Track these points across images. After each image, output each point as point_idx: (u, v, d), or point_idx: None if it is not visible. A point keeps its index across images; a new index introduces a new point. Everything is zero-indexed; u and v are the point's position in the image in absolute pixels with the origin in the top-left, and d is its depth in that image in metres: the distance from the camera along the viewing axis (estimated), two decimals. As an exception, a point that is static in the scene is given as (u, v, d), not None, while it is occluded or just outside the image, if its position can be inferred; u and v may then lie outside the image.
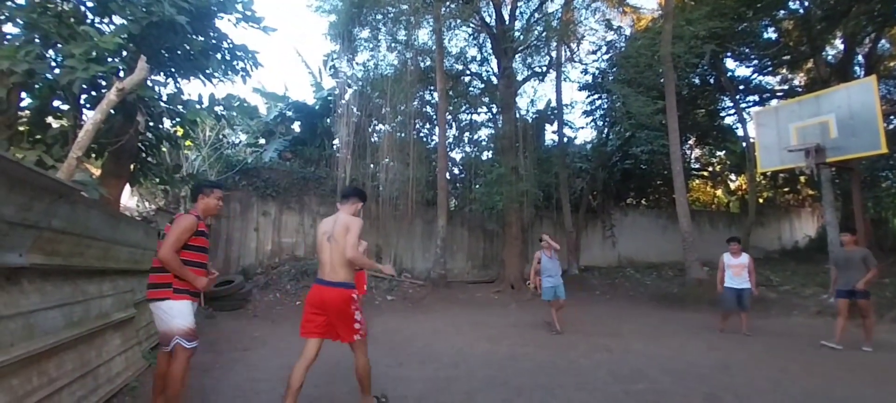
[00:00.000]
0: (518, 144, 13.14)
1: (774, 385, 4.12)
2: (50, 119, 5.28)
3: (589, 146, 17.98)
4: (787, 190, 21.52)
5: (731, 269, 6.86)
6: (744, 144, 16.27)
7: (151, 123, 5.84)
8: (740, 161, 18.35)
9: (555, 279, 6.91)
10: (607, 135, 17.07)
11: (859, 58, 14.39)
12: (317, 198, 11.99)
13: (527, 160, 13.38)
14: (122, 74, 4.69)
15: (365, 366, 3.18)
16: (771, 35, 15.06)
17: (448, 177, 13.32)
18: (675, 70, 11.50)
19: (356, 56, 13.92)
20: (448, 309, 8.99)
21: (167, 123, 6.32)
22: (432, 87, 14.14)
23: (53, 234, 2.73)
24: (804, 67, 16.31)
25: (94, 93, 5.20)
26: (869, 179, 14.12)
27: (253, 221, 11.08)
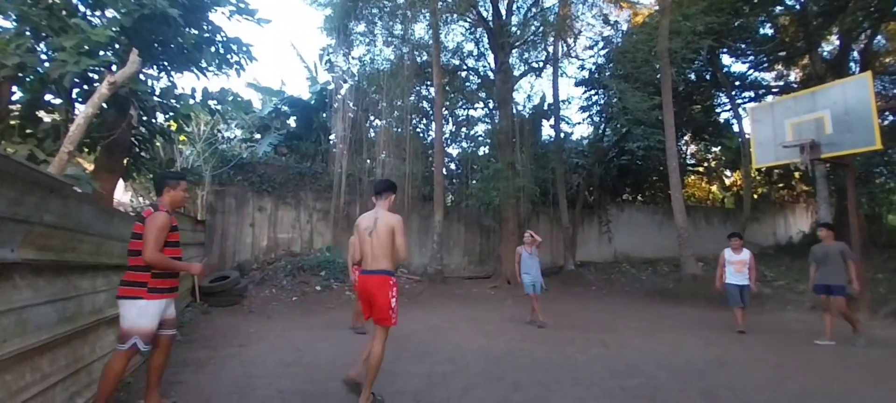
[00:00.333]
0: (515, 140, 13.13)
1: (771, 382, 4.15)
2: (41, 113, 5.21)
3: (585, 142, 18.01)
4: (781, 186, 21.63)
5: (733, 265, 6.69)
6: (739, 140, 16.33)
7: (144, 117, 5.77)
8: (736, 157, 18.42)
9: (532, 274, 7.17)
10: (604, 130, 17.09)
11: (855, 54, 14.45)
12: (313, 193, 11.93)
13: (523, 156, 13.38)
14: (114, 68, 4.62)
15: (379, 356, 3.34)
16: (767, 31, 15.09)
17: (445, 172, 13.29)
18: (671, 66, 11.51)
19: (352, 50, 13.84)
20: (444, 305, 9.00)
21: (161, 118, 6.25)
22: (429, 82, 14.09)
23: (45, 229, 2.70)
24: (800, 63, 16.37)
25: (86, 86, 5.13)
26: (863, 175, 14.19)
27: (248, 216, 11.02)
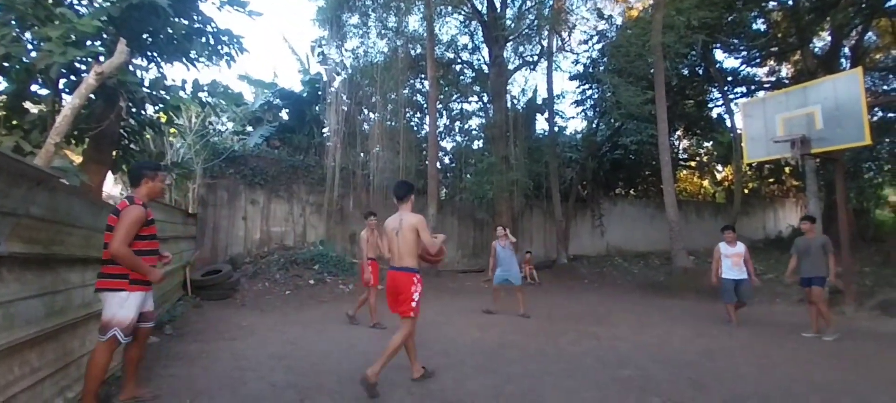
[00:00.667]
0: (509, 134, 13.12)
1: (758, 372, 4.21)
2: (28, 104, 5.11)
3: (579, 136, 18.07)
4: (772, 180, 21.87)
5: (730, 259, 6.62)
6: (731, 135, 16.46)
7: (133, 109, 5.68)
8: (727, 151, 18.58)
9: (505, 269, 7.53)
10: (597, 125, 17.15)
11: (845, 50, 14.58)
12: (306, 186, 11.86)
13: (517, 149, 13.39)
14: (101, 58, 4.54)
15: (398, 344, 3.65)
16: (760, 26, 15.19)
17: (438, 166, 13.29)
18: (664, 60, 11.53)
19: (345, 43, 13.73)
20: (438, 298, 9.01)
21: (150, 109, 6.16)
22: (423, 75, 14.04)
23: (33, 222, 2.66)
24: (792, 59, 16.51)
25: (73, 77, 5.03)
26: (852, 170, 14.38)
27: (241, 210, 10.95)
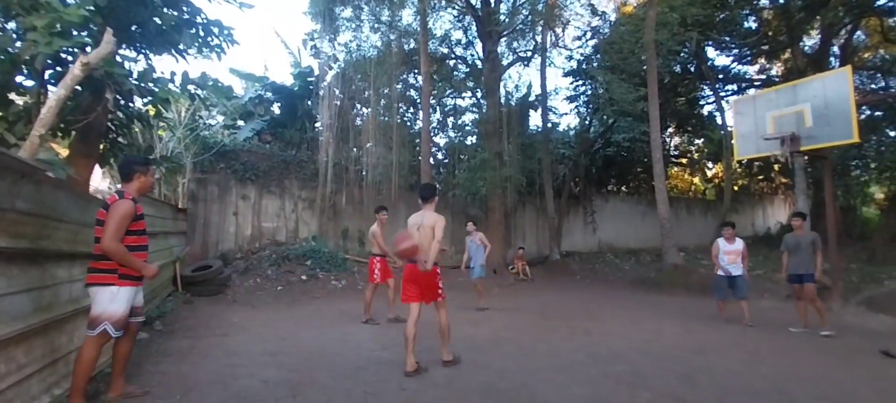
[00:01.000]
0: (502, 130, 13.11)
1: (747, 367, 4.27)
2: (12, 95, 5.00)
3: (572, 132, 18.12)
4: (761, 178, 22.13)
5: (727, 256, 6.68)
6: (722, 133, 16.61)
7: (121, 101, 5.58)
8: (718, 149, 18.75)
9: (474, 263, 8.06)
10: (590, 121, 17.21)
11: (835, 49, 14.76)
12: (298, 181, 11.76)
13: (510, 145, 13.39)
14: (88, 49, 4.44)
15: (447, 322, 4.17)
16: (751, 24, 15.31)
17: (432, 161, 13.24)
18: (657, 57, 11.58)
19: (338, 36, 13.59)
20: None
21: (138, 102, 6.05)
22: (416, 70, 13.95)
23: (18, 216, 2.61)
24: (782, 57, 16.66)
25: (58, 68, 4.92)
26: (840, 168, 14.58)
27: (232, 205, 10.82)
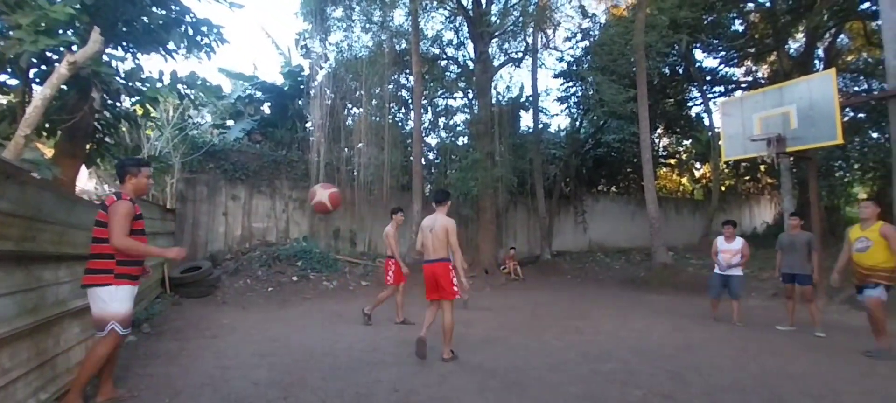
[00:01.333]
0: (493, 130, 13.13)
1: (734, 364, 4.33)
2: (-4, 94, 4.92)
3: (563, 133, 18.23)
4: (748, 178, 22.42)
5: (724, 255, 6.64)
6: (709, 134, 16.84)
7: (108, 101, 5.50)
8: (705, 150, 18.99)
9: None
10: (581, 122, 17.33)
11: (819, 52, 15.04)
12: (289, 182, 11.68)
13: (502, 146, 13.42)
14: (74, 48, 4.38)
15: (451, 321, 4.35)
16: (738, 27, 15.55)
17: (423, 161, 13.22)
18: (646, 59, 11.71)
19: (329, 36, 13.51)
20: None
21: (126, 101, 5.98)
22: (408, 71, 13.91)
23: (2, 217, 2.55)
24: (768, 60, 16.94)
25: (44, 67, 4.84)
26: (824, 169, 14.83)
27: (221, 205, 10.71)
